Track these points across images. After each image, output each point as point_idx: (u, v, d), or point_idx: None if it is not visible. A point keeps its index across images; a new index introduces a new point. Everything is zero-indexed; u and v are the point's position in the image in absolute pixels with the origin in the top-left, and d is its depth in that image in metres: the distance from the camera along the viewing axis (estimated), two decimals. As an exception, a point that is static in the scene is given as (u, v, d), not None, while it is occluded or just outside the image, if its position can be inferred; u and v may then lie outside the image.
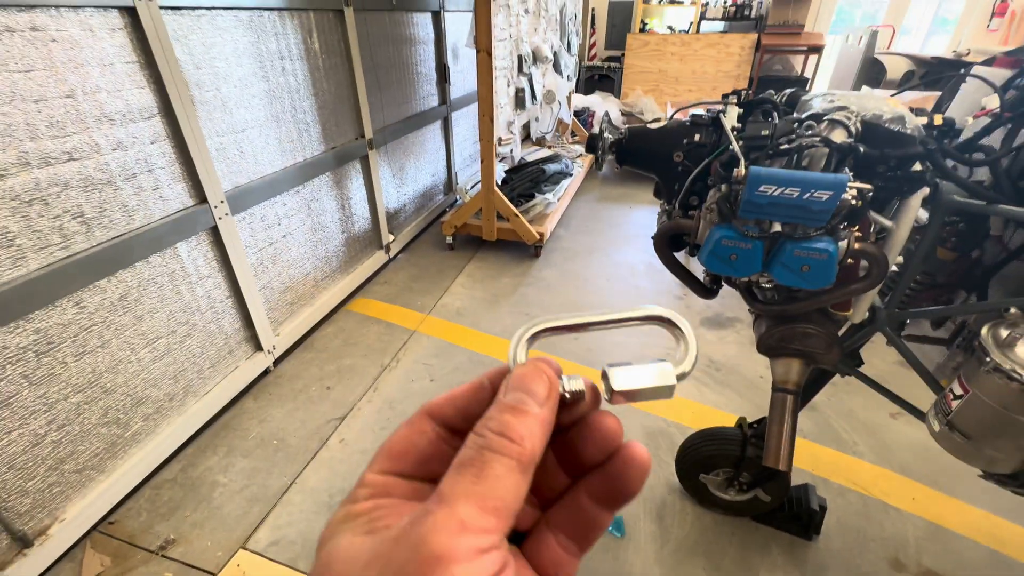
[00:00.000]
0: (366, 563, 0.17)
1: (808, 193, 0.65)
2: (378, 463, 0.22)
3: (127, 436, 1.44)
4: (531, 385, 0.20)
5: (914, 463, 1.56)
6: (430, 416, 0.23)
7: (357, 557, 0.17)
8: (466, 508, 0.16)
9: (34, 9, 1.08)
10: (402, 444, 0.22)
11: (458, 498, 0.17)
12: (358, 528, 0.19)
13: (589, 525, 0.23)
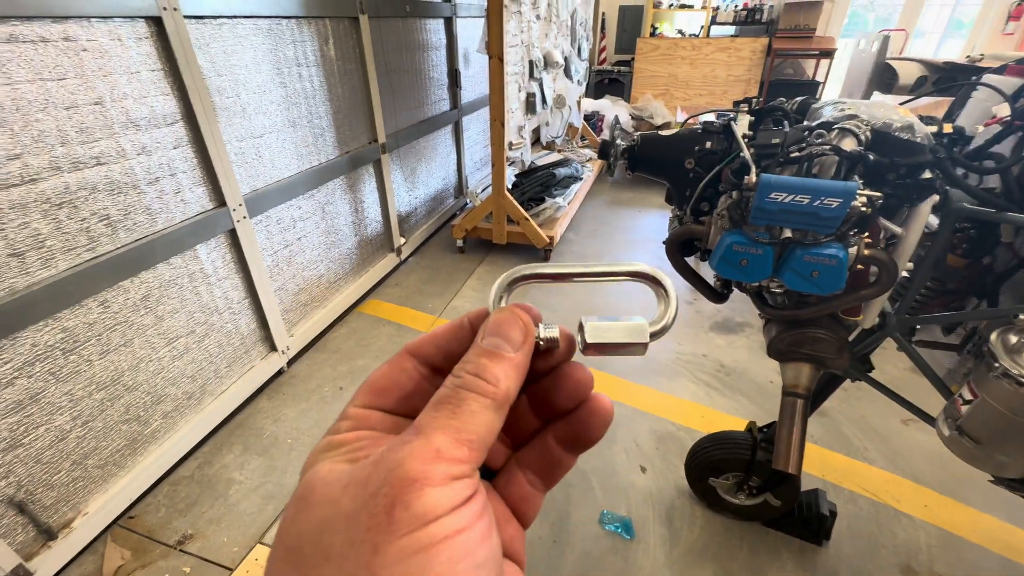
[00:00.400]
0: (344, 486, 0.17)
1: (818, 200, 0.66)
2: (360, 397, 0.23)
3: (147, 433, 1.47)
4: (507, 330, 0.21)
5: (926, 470, 1.55)
6: (411, 354, 0.24)
7: (337, 481, 0.18)
8: (442, 439, 0.17)
9: (67, 20, 1.12)
10: (384, 380, 0.23)
11: (435, 430, 0.18)
12: (339, 456, 0.20)
13: (554, 465, 0.25)
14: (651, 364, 2.03)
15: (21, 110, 1.07)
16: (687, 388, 1.90)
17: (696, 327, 2.26)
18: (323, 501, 0.17)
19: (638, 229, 3.34)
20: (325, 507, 0.17)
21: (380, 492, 0.16)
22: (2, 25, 1.02)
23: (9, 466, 1.14)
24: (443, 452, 0.17)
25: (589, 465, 1.57)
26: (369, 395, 0.23)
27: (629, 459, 1.60)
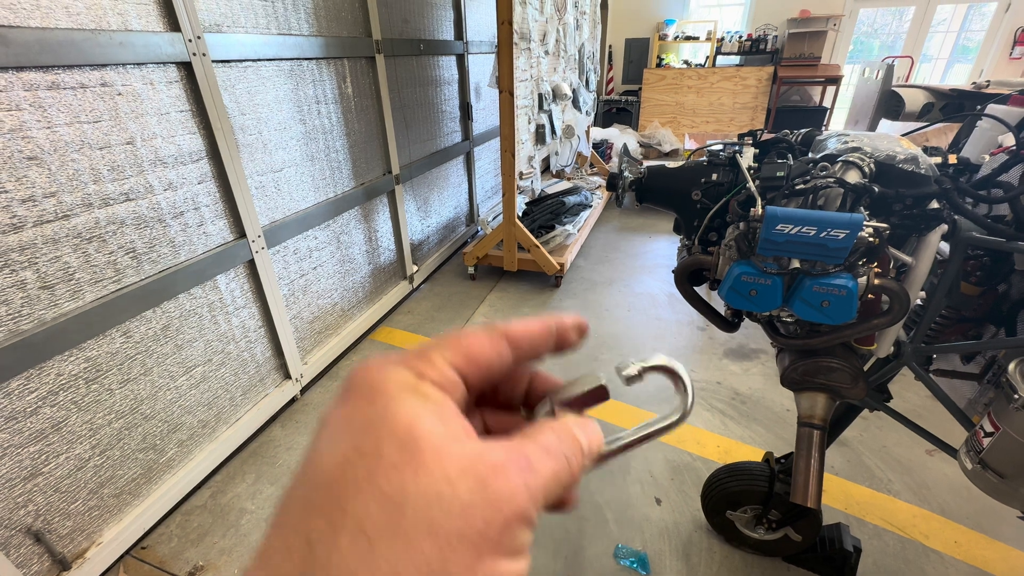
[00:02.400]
0: (462, 470, 0.17)
1: (824, 232, 0.67)
2: (452, 354, 0.21)
3: (162, 462, 1.49)
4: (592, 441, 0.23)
5: (954, 503, 1.49)
6: (508, 340, 0.23)
7: (448, 454, 0.17)
8: (533, 476, 0.18)
9: (105, 67, 1.19)
10: (482, 354, 0.22)
11: (536, 468, 0.19)
12: (431, 410, 0.18)
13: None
14: (664, 392, 2.01)
15: (59, 151, 1.13)
16: (702, 417, 1.87)
17: (709, 354, 2.24)
18: (436, 471, 0.17)
19: (648, 255, 3.35)
20: (438, 480, 0.16)
21: (500, 514, 0.16)
22: (46, 73, 1.09)
23: (28, 495, 1.16)
24: (532, 487, 0.18)
25: (603, 497, 1.54)
26: (462, 360, 0.21)
27: (644, 491, 1.56)
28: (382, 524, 0.16)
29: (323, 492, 0.16)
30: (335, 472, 0.17)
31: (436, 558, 0.15)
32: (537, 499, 0.18)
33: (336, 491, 0.16)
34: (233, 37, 1.51)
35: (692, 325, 2.47)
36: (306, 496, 0.17)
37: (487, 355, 0.22)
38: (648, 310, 2.64)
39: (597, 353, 2.26)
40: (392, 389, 0.18)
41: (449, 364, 0.20)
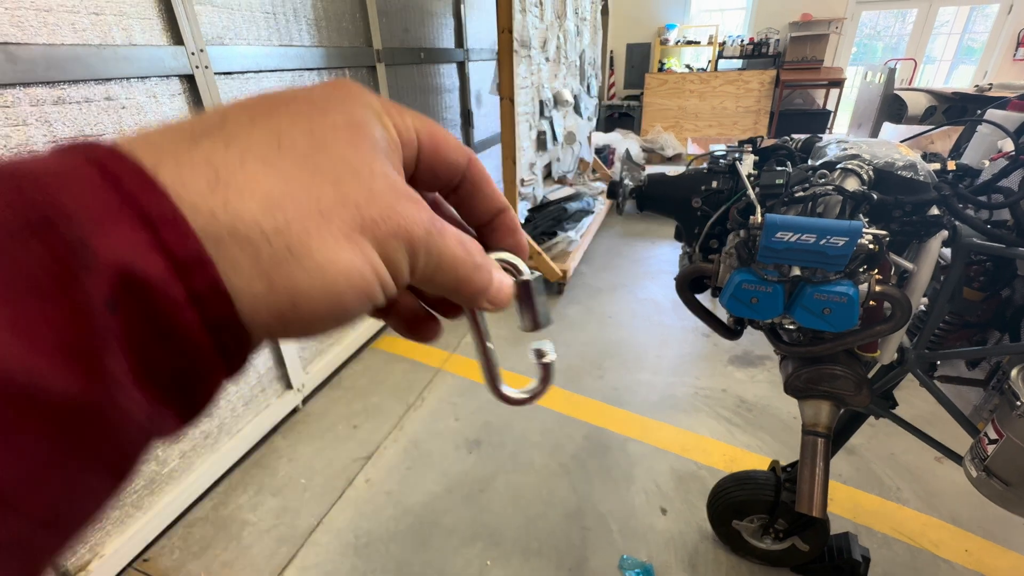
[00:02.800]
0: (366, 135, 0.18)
1: (824, 239, 0.66)
2: (422, 125, 0.21)
3: (164, 473, 1.49)
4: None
5: (964, 510, 1.46)
6: (470, 162, 0.23)
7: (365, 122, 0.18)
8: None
9: (109, 81, 1.21)
10: (446, 146, 0.22)
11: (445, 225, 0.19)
12: (380, 132, 0.19)
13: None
14: (669, 400, 1.99)
15: (62, 165, 1.15)
16: (707, 425, 1.86)
17: (714, 361, 2.22)
18: (365, 152, 0.17)
19: (651, 261, 3.34)
20: (363, 159, 0.17)
21: (393, 208, 0.17)
22: (52, 89, 1.11)
23: (32, 507, 1.16)
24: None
25: (607, 507, 1.53)
26: (427, 137, 0.21)
27: (648, 500, 1.55)
28: (296, 143, 0.16)
29: (259, 107, 0.17)
30: (279, 98, 0.18)
31: (332, 192, 0.16)
32: (430, 236, 0.18)
33: (270, 107, 0.17)
34: (236, 49, 1.53)
35: (696, 332, 2.46)
36: (243, 104, 0.17)
37: (449, 150, 0.21)
38: (652, 316, 2.62)
39: (601, 360, 2.25)
40: (362, 97, 0.19)
41: (414, 130, 0.20)
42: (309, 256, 0.15)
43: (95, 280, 0.12)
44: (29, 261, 0.12)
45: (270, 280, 0.15)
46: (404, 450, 1.78)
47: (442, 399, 2.04)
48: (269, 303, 0.15)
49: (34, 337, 0.11)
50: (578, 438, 1.80)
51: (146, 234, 0.13)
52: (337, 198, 0.16)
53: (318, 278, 0.15)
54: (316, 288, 0.15)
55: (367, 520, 1.52)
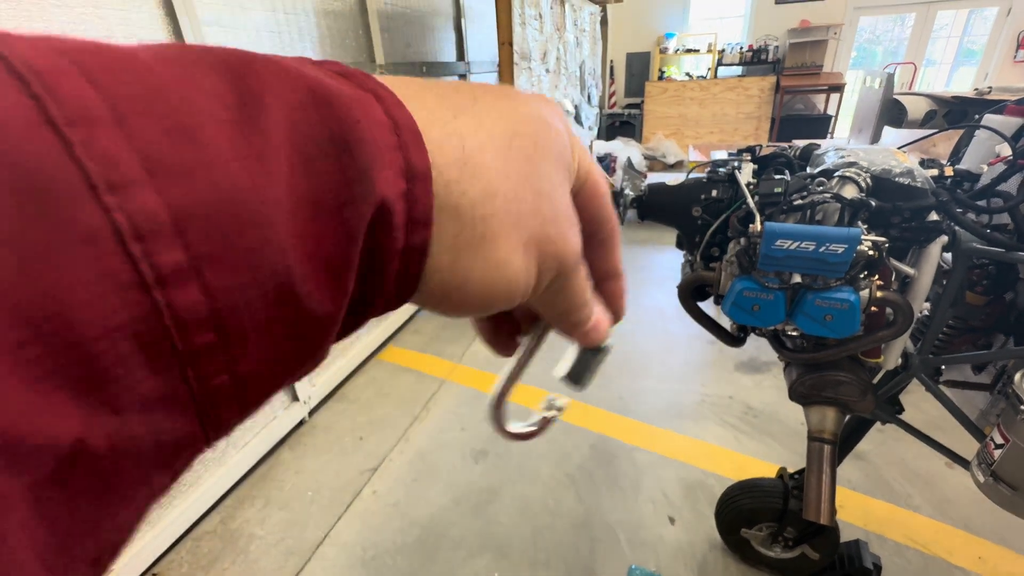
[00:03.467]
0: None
1: (823, 246, 0.67)
2: (588, 169, 0.22)
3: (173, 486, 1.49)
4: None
5: (977, 517, 1.44)
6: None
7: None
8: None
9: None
10: (603, 205, 0.24)
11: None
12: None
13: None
14: (675, 407, 1.99)
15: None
16: (714, 432, 1.85)
17: (720, 368, 2.22)
18: (560, 146, 0.19)
19: (655, 268, 3.34)
20: (556, 150, 0.19)
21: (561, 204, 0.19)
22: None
23: (42, 523, 1.17)
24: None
25: (615, 517, 1.52)
26: (590, 190, 0.23)
27: (656, 509, 1.54)
28: (524, 147, 0.18)
29: (504, 100, 0.18)
30: (518, 98, 0.19)
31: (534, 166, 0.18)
32: (577, 266, 0.20)
33: (512, 104, 0.19)
34: (241, 69, 1.56)
35: (702, 338, 2.45)
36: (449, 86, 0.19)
37: (605, 203, 0.22)
38: (657, 323, 2.62)
39: (607, 368, 2.24)
40: (564, 127, 0.20)
41: (585, 171, 0.21)
42: (495, 250, 0.17)
43: (365, 209, 0.14)
44: (327, 180, 0.13)
45: (456, 258, 0.16)
46: (410, 462, 1.78)
47: (447, 410, 2.04)
48: (444, 277, 0.16)
49: (312, 254, 0.13)
50: (584, 447, 1.80)
51: (403, 183, 0.15)
52: (533, 208, 0.17)
53: (492, 272, 0.17)
54: (486, 280, 0.17)
55: (374, 533, 1.52)
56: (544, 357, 0.27)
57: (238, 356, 0.12)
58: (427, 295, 0.17)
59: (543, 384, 0.42)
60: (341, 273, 0.14)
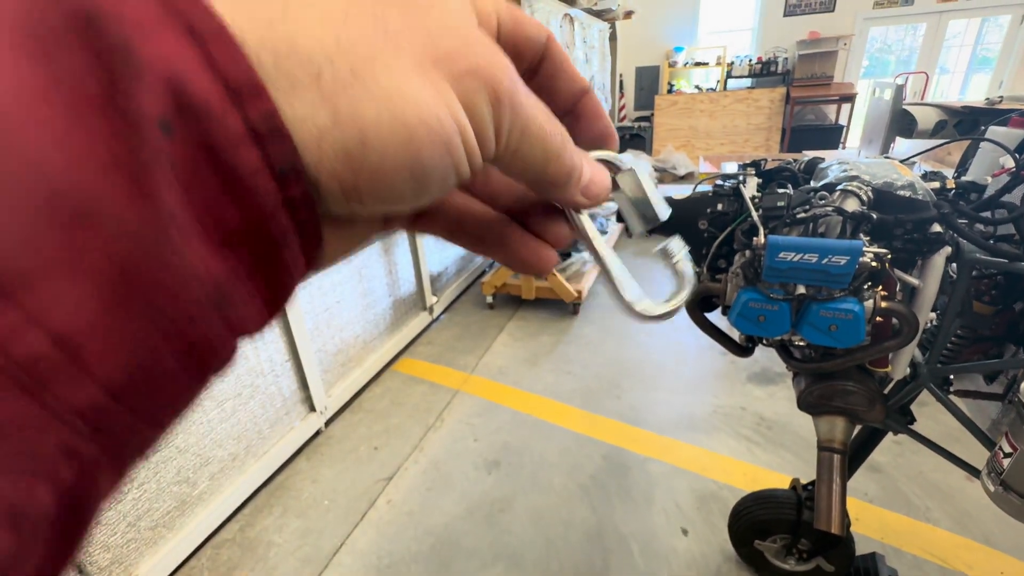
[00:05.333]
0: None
1: (826, 258, 0.69)
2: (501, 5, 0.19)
3: (194, 495, 1.54)
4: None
5: (998, 530, 1.42)
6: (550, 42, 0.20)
7: None
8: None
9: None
10: (527, 23, 0.19)
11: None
12: None
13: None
14: (688, 419, 1.99)
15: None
16: (726, 444, 1.84)
17: (732, 379, 2.21)
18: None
19: (666, 280, 3.32)
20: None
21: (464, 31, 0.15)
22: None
23: (72, 528, 1.22)
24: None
25: (628, 528, 1.52)
26: (508, 16, 0.19)
27: (669, 521, 1.54)
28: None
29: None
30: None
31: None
32: (515, 88, 0.15)
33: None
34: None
35: (713, 349, 2.45)
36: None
37: (529, 24, 0.18)
38: (668, 335, 2.62)
39: (618, 379, 2.26)
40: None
41: (494, 10, 0.18)
42: (375, 80, 0.13)
43: (145, 94, 0.10)
44: (72, 63, 0.10)
45: (334, 107, 0.12)
46: (424, 471, 1.80)
47: (461, 420, 2.06)
48: (335, 139, 0.13)
49: (83, 152, 0.10)
50: (597, 458, 1.81)
51: (193, 49, 0.11)
52: (405, 23, 0.14)
53: (386, 106, 0.13)
54: (385, 120, 0.13)
55: (389, 541, 1.54)
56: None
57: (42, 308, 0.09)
58: (335, 177, 0.13)
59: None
60: (139, 172, 0.10)
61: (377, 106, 0.13)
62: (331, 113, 0.12)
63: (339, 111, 0.12)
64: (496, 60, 0.15)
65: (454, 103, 0.14)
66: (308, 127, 0.12)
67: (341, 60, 0.12)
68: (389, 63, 0.13)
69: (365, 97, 0.13)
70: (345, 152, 0.13)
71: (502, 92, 0.15)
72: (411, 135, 0.13)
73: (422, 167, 0.14)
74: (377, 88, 0.13)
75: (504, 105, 0.15)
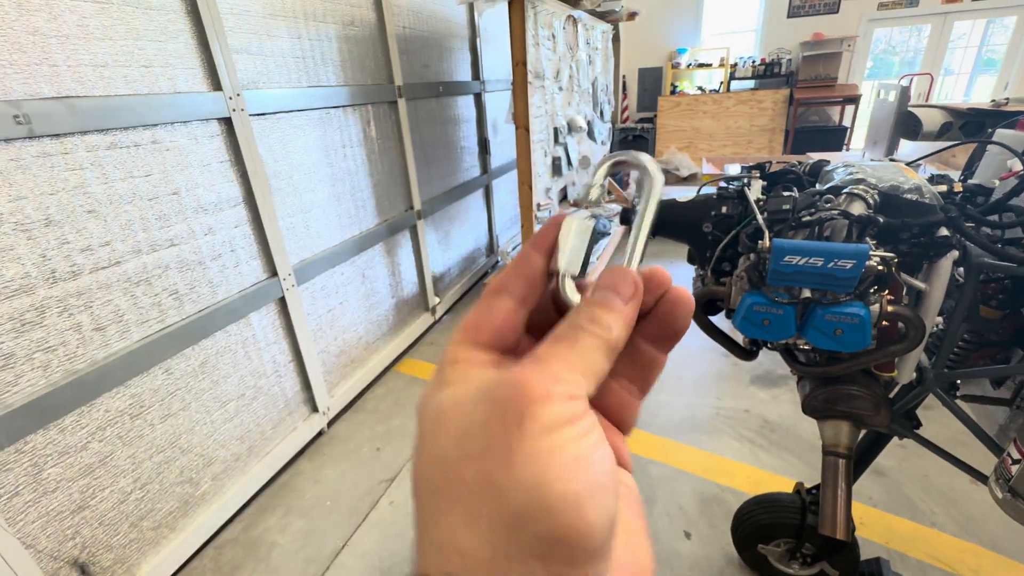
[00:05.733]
0: (475, 402, 0.19)
1: (832, 262, 0.69)
2: (459, 337, 0.24)
3: (197, 495, 1.54)
4: (618, 284, 0.23)
5: (1004, 535, 1.41)
6: (495, 292, 0.25)
7: (467, 399, 0.20)
8: (559, 366, 0.20)
9: (156, 127, 1.31)
10: (477, 319, 0.24)
11: (552, 358, 0.20)
12: (455, 387, 0.21)
13: (647, 367, 0.25)
14: (691, 421, 1.98)
15: (114, 203, 1.24)
16: (730, 446, 1.83)
17: (736, 381, 2.20)
18: (458, 416, 0.20)
19: (669, 281, 3.33)
20: (461, 420, 0.19)
21: (508, 405, 0.18)
22: (105, 135, 1.21)
23: (76, 527, 1.22)
24: (561, 376, 0.19)
25: (629, 529, 1.51)
26: (465, 333, 0.24)
27: (672, 523, 1.53)
28: (439, 479, 0.19)
29: (412, 485, 0.20)
30: (412, 471, 0.21)
31: (479, 471, 0.18)
32: (558, 372, 0.19)
33: (413, 476, 0.20)
34: (268, 92, 1.64)
35: (716, 352, 2.44)
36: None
37: (480, 318, 0.24)
38: (670, 336, 2.61)
39: (620, 381, 2.25)
40: (426, 401, 0.22)
41: (459, 345, 0.23)
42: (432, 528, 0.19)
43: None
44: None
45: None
46: (426, 473, 1.79)
47: (463, 422, 2.05)
48: None
49: None
50: (599, 460, 1.80)
51: None
52: (479, 458, 0.18)
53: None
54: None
55: (391, 542, 1.54)
56: None
57: None
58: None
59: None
60: None
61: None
62: None
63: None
64: (527, 395, 0.19)
65: (514, 556, 0.18)
66: None
67: None
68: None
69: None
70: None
71: (550, 391, 0.19)
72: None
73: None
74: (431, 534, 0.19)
75: (558, 392, 0.19)
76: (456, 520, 0.18)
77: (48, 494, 1.16)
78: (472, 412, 0.19)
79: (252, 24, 1.59)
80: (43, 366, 1.13)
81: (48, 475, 1.16)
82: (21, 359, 1.09)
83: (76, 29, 1.15)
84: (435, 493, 0.19)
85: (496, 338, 0.24)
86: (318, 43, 1.86)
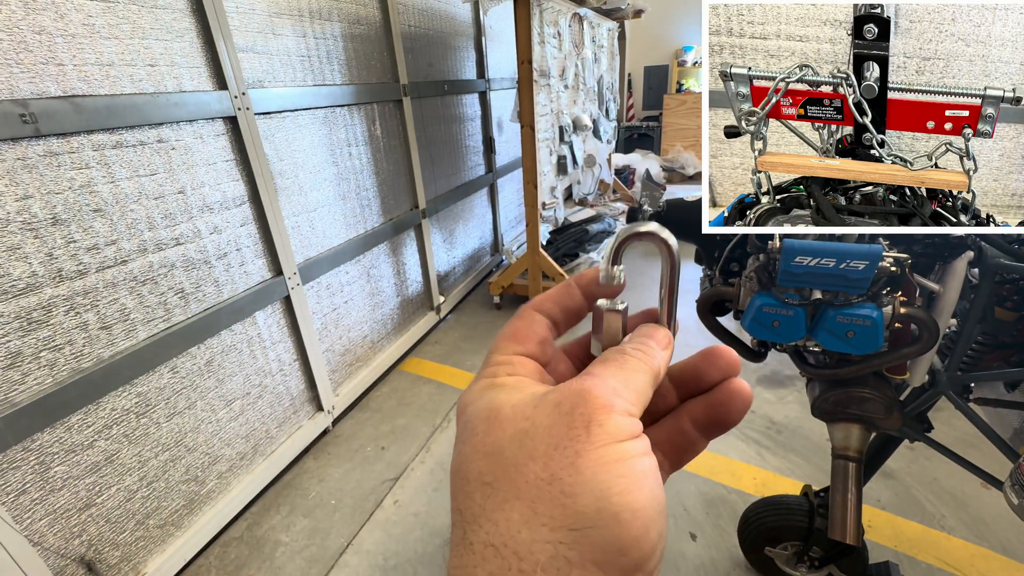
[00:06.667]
0: (535, 406, 0.20)
1: (844, 263, 0.67)
2: (504, 346, 0.25)
3: (203, 493, 1.54)
4: (654, 334, 0.25)
5: (1016, 540, 1.39)
6: (535, 310, 0.27)
7: (524, 403, 0.20)
8: (615, 382, 0.21)
9: (161, 126, 1.31)
10: (523, 330, 0.26)
11: (608, 375, 0.21)
12: (508, 392, 0.22)
13: (685, 447, 0.26)
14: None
15: (120, 202, 1.24)
16: (736, 447, 1.82)
17: (741, 381, 2.18)
18: (517, 417, 0.20)
19: (675, 280, 3.31)
20: (521, 421, 0.20)
21: (576, 411, 0.19)
22: (112, 134, 1.21)
23: (83, 525, 1.23)
24: (619, 391, 0.20)
25: (635, 530, 1.51)
26: (511, 342, 0.25)
27: (678, 525, 1.52)
28: (495, 472, 0.19)
29: (455, 477, 0.21)
30: (457, 462, 0.21)
31: (543, 469, 0.18)
32: (616, 387, 0.20)
33: (458, 468, 0.21)
34: (274, 91, 1.64)
35: (722, 351, 2.42)
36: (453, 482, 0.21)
37: (524, 329, 0.26)
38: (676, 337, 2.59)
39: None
40: (469, 401, 0.23)
41: (504, 354, 0.25)
42: None
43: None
44: None
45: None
46: (431, 471, 1.80)
47: (467, 421, 2.05)
48: None
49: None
50: (604, 461, 1.79)
51: None
52: (543, 459, 0.19)
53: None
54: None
55: (395, 542, 1.54)
56: None
57: None
58: None
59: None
60: None
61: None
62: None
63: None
64: (594, 403, 0.19)
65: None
66: None
67: None
68: None
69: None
70: None
71: (612, 403, 0.20)
72: None
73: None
74: None
75: (619, 405, 0.20)
76: (515, 517, 0.18)
77: (55, 492, 1.17)
78: (533, 415, 0.20)
79: (257, 22, 1.59)
80: (50, 364, 1.14)
81: (55, 473, 1.16)
82: (28, 357, 1.10)
83: (82, 28, 1.15)
84: (489, 486, 0.19)
85: (538, 349, 0.25)
86: (323, 41, 1.86)
